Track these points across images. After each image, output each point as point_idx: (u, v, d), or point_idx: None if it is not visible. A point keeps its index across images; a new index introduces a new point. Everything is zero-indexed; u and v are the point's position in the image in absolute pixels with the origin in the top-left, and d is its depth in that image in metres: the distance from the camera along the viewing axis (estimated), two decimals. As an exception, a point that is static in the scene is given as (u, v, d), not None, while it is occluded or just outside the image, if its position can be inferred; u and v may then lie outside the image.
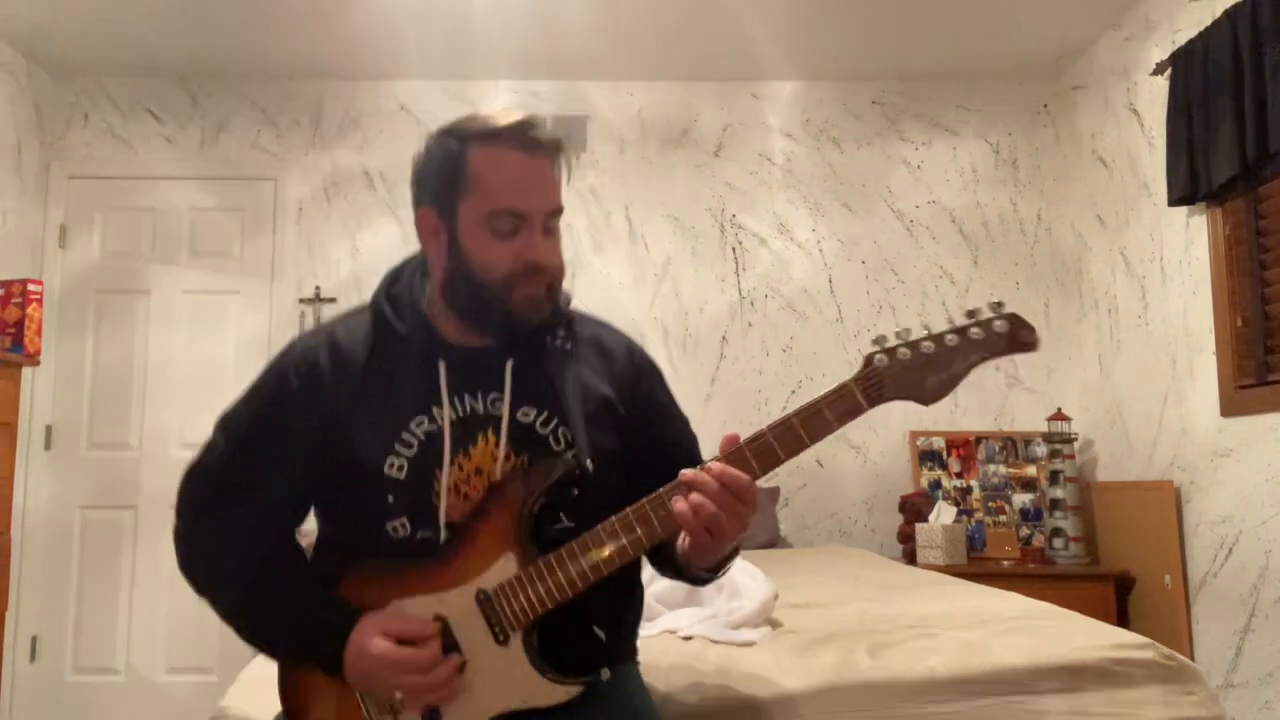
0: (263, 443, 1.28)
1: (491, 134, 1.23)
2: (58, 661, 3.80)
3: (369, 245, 4.08)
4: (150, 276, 4.01)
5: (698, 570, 1.28)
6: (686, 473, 1.16)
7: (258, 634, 1.27)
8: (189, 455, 1.34)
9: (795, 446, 1.17)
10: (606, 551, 1.17)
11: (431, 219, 1.27)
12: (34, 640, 3.79)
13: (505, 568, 1.19)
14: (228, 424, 1.31)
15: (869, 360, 1.16)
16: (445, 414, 1.24)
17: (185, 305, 4.01)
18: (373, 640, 1.16)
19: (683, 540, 1.24)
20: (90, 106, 4.10)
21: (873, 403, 1.15)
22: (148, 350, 3.97)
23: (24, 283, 3.34)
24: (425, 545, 1.22)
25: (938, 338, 1.13)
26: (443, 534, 1.22)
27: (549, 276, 1.25)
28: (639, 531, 1.17)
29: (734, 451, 1.16)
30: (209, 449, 1.30)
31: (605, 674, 1.24)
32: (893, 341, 1.15)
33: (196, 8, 3.52)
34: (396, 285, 1.34)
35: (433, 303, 1.31)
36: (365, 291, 4.48)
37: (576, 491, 1.25)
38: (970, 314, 1.14)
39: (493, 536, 1.21)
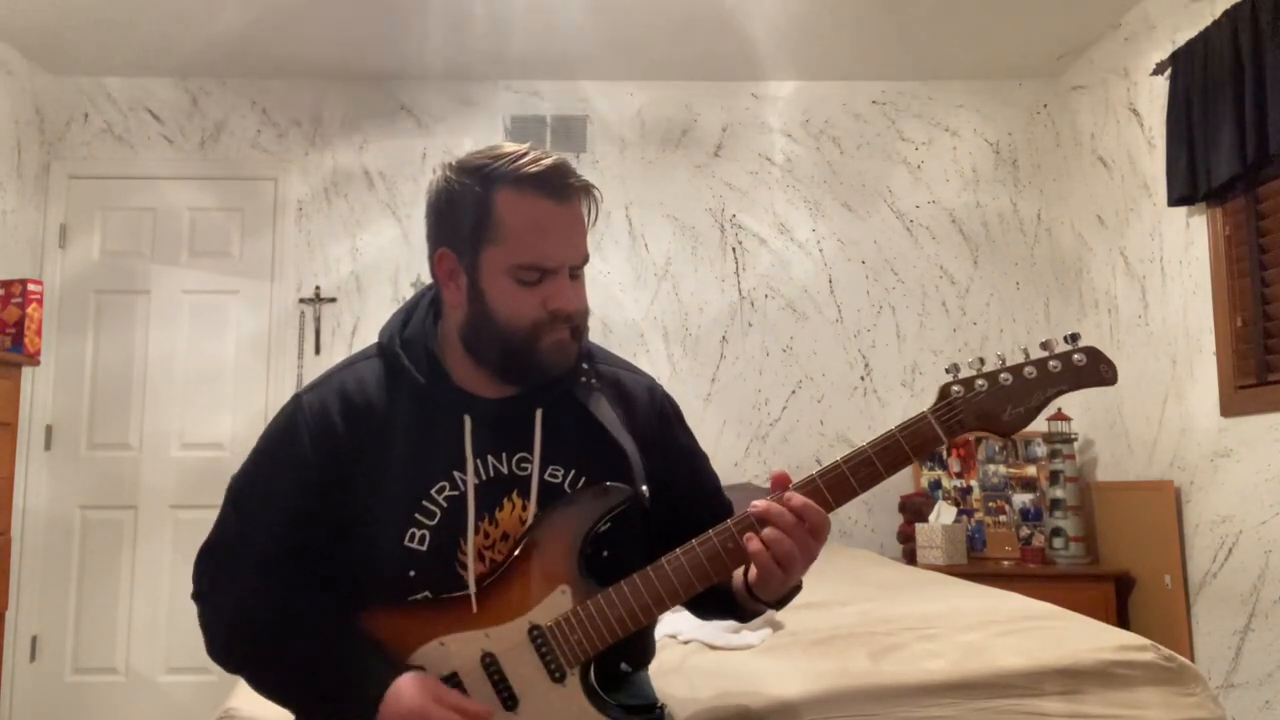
0: (277, 510, 1.18)
1: (521, 180, 1.15)
2: (58, 661, 3.80)
3: (369, 245, 4.08)
4: (150, 276, 4.00)
5: (757, 604, 1.21)
6: (759, 504, 1.11)
7: (309, 708, 1.17)
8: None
9: (871, 479, 1.12)
10: (673, 584, 1.12)
11: (450, 261, 1.19)
12: (34, 640, 3.79)
13: (559, 602, 1.13)
14: (238, 494, 1.22)
15: (945, 391, 1.12)
16: (470, 479, 1.17)
17: (185, 305, 4.01)
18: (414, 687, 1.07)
19: (744, 572, 1.19)
20: (90, 106, 4.10)
21: (951, 434, 1.11)
22: (148, 350, 3.96)
23: (24, 283, 3.34)
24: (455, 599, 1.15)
25: (1016, 369, 1.12)
26: (474, 606, 1.14)
27: (575, 321, 1.18)
28: (707, 565, 1.12)
29: (809, 484, 1.12)
30: (222, 524, 1.22)
31: (664, 710, 1.20)
32: (967, 372, 1.12)
33: (196, 8, 3.52)
34: (409, 328, 1.25)
35: (448, 347, 1.23)
36: (365, 291, 4.44)
37: (629, 522, 1.18)
38: (1044, 345, 1.13)
39: (544, 568, 1.14)
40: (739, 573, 1.20)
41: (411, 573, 1.15)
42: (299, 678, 1.15)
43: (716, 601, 1.26)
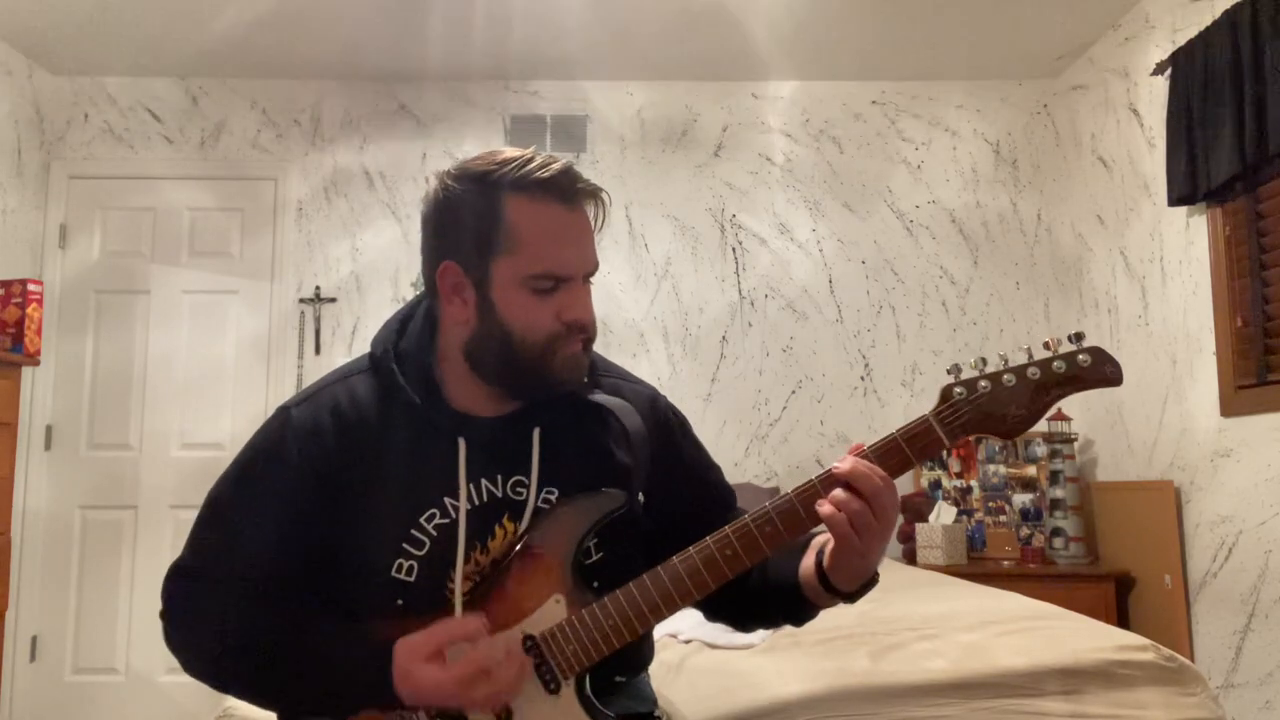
0: (263, 528, 1.14)
1: (532, 185, 1.10)
2: (58, 661, 3.80)
3: (369, 245, 4.08)
4: (150, 276, 4.00)
5: (830, 597, 1.14)
6: (843, 463, 1.05)
7: (306, 708, 1.14)
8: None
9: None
10: (670, 590, 1.07)
11: (455, 275, 1.13)
12: (34, 640, 3.79)
13: (554, 611, 1.09)
14: (219, 509, 1.17)
15: (947, 393, 1.08)
16: (461, 505, 1.12)
17: (185, 305, 4.01)
18: (419, 668, 1.04)
19: (817, 560, 1.13)
20: (90, 106, 4.10)
21: (953, 437, 1.07)
22: (148, 350, 3.96)
23: (24, 283, 3.34)
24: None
25: (1019, 370, 1.07)
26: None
27: (588, 333, 1.15)
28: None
29: (808, 489, 1.06)
30: (200, 540, 1.16)
31: (663, 717, 1.18)
32: (969, 373, 1.08)
33: (196, 8, 3.51)
34: (404, 340, 1.19)
35: (446, 363, 1.17)
36: (366, 291, 4.43)
37: (627, 529, 1.15)
38: (1047, 345, 1.09)
39: (538, 577, 1.10)
40: (809, 561, 1.15)
41: (400, 602, 1.12)
42: (301, 687, 1.12)
43: (769, 601, 1.21)
